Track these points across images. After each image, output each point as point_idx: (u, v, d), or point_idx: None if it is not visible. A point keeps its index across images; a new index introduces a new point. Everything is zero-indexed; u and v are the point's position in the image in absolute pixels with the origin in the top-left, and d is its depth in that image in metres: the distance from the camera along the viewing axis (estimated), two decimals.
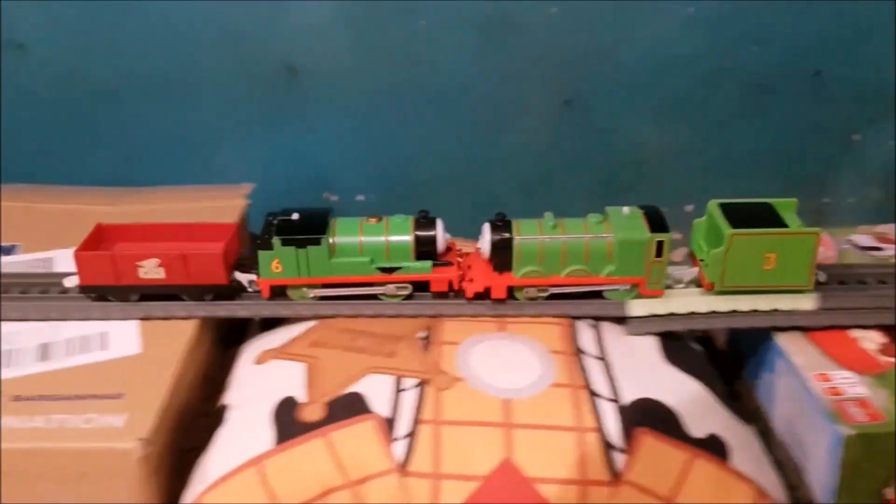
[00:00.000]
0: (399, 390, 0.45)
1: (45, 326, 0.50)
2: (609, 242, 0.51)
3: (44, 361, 0.47)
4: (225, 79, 0.77)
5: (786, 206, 0.53)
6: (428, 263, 0.53)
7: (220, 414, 0.46)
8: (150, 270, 0.51)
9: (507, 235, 0.51)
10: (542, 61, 0.78)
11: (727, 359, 0.56)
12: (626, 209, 0.53)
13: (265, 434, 0.43)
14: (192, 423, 0.48)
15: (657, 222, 0.52)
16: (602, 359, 0.48)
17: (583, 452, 0.42)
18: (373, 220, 0.53)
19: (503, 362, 0.47)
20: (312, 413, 0.44)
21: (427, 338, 0.49)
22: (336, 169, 0.82)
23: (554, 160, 0.83)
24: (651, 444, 0.43)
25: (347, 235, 0.52)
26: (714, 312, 0.52)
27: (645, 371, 0.48)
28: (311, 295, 0.53)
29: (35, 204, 0.66)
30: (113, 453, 0.41)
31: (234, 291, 0.53)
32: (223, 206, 0.64)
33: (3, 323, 0.50)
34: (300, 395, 0.45)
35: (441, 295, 0.53)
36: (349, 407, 0.44)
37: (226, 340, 0.55)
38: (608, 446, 0.42)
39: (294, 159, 0.81)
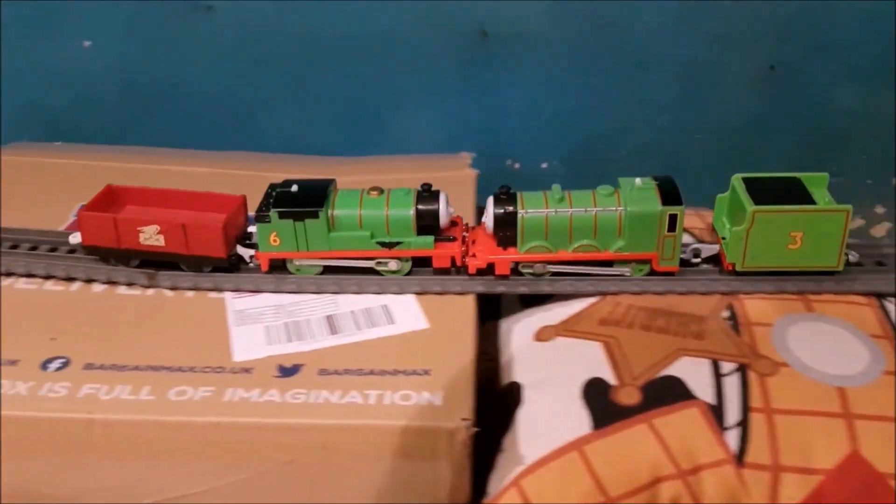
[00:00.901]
0: (719, 375, 0.42)
1: (321, 298, 0.50)
2: (619, 216, 0.48)
3: (335, 335, 0.46)
4: (416, 42, 0.75)
5: (816, 181, 0.50)
6: (430, 238, 0.50)
7: (514, 393, 0.45)
8: (151, 237, 0.50)
9: (511, 209, 0.49)
10: (747, 25, 0.74)
11: None
12: (638, 180, 0.49)
13: (579, 417, 0.41)
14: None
15: (670, 194, 0.48)
16: None
17: None
18: (374, 193, 0.50)
19: (824, 346, 0.44)
20: (628, 396, 0.42)
21: (732, 318, 0.46)
22: (521, 136, 0.80)
23: (755, 128, 0.79)
24: None
25: (347, 208, 0.50)
26: None
27: None
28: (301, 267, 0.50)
29: (259, 173, 0.64)
30: (438, 432, 0.40)
31: (232, 265, 0.51)
32: (453, 176, 0.62)
33: (278, 295, 0.50)
34: (607, 376, 0.43)
35: (443, 271, 0.51)
36: (668, 391, 0.42)
37: None
38: None
39: (478, 126, 0.79)
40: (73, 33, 0.75)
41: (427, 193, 0.50)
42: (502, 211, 0.48)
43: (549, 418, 0.42)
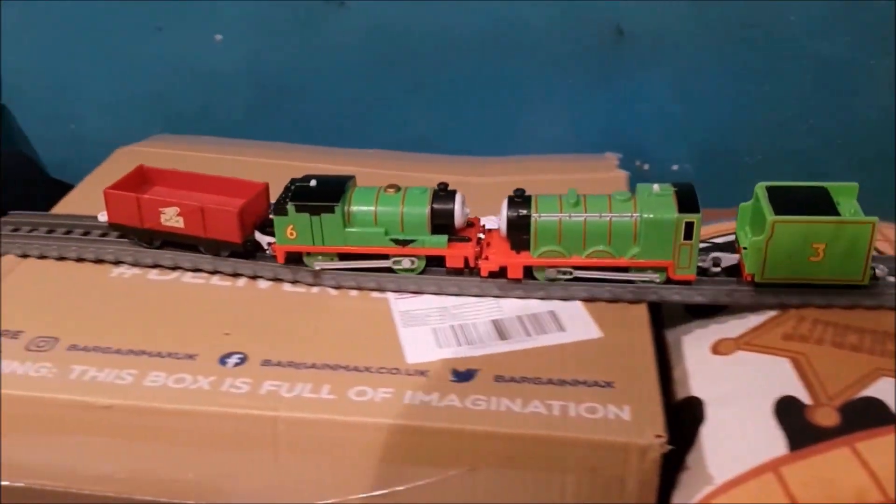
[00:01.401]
0: None
1: (483, 302, 0.49)
2: (634, 222, 0.47)
3: (505, 340, 0.45)
4: (549, 39, 0.74)
5: (845, 191, 0.47)
6: (443, 238, 0.50)
7: (695, 408, 0.43)
8: (171, 218, 0.50)
9: (524, 212, 0.48)
10: None
11: None
12: (656, 186, 0.48)
13: (773, 437, 0.39)
14: None
15: (687, 202, 0.47)
16: None
17: None
18: (391, 191, 0.50)
19: None
20: (826, 417, 0.40)
21: None
22: (652, 137, 0.77)
23: None
24: None
25: (363, 205, 0.50)
26: None
27: None
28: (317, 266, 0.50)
29: (391, 171, 0.64)
30: (628, 448, 0.38)
31: (247, 251, 0.51)
32: (603, 177, 0.61)
33: (440, 297, 0.49)
34: (800, 395, 0.41)
35: (457, 271, 0.50)
36: (870, 414, 0.39)
37: None
38: None
39: (608, 125, 0.77)
40: (205, 27, 0.76)
41: (443, 193, 0.50)
42: (515, 214, 0.48)
43: (739, 437, 0.41)
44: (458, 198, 0.50)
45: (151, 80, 0.79)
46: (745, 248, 0.48)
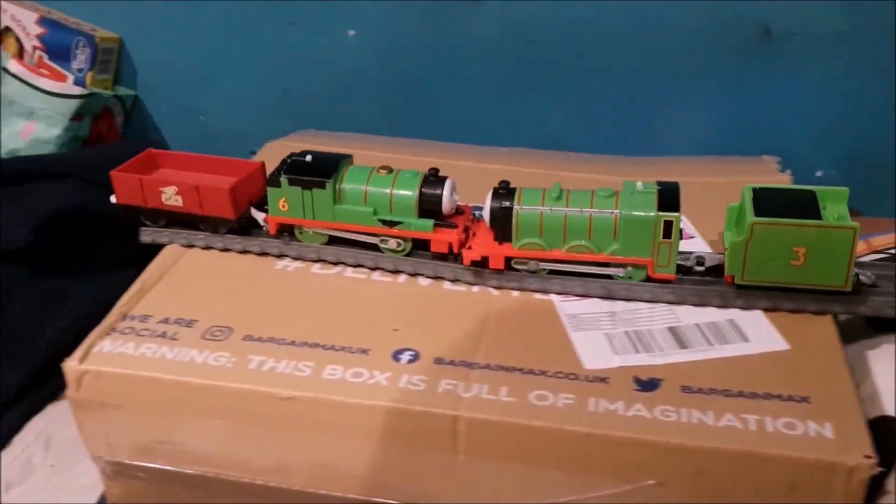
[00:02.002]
0: None
1: (656, 308, 0.47)
2: (614, 219, 0.47)
3: (686, 349, 0.44)
4: (691, 37, 0.71)
5: (834, 196, 0.46)
6: (429, 222, 0.50)
7: (893, 428, 0.42)
8: (171, 197, 0.53)
9: (507, 204, 0.48)
10: None
11: None
12: (640, 184, 0.48)
13: None
14: None
15: (668, 201, 0.46)
16: None
17: None
18: (383, 172, 0.51)
19: None
20: None
21: None
22: (797, 141, 0.74)
23: None
24: None
25: (354, 183, 0.51)
26: None
27: None
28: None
29: (538, 170, 0.63)
30: (834, 468, 0.36)
31: (242, 227, 0.53)
32: (766, 181, 0.57)
33: (607, 301, 0.48)
34: None
35: (441, 256, 0.51)
36: None
37: None
38: None
39: (751, 128, 0.74)
40: (338, 23, 0.77)
41: (433, 178, 0.51)
42: (498, 205, 0.48)
43: None
44: (447, 184, 0.51)
45: (282, 74, 0.80)
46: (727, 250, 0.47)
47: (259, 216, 0.53)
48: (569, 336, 0.45)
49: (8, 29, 0.80)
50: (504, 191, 0.48)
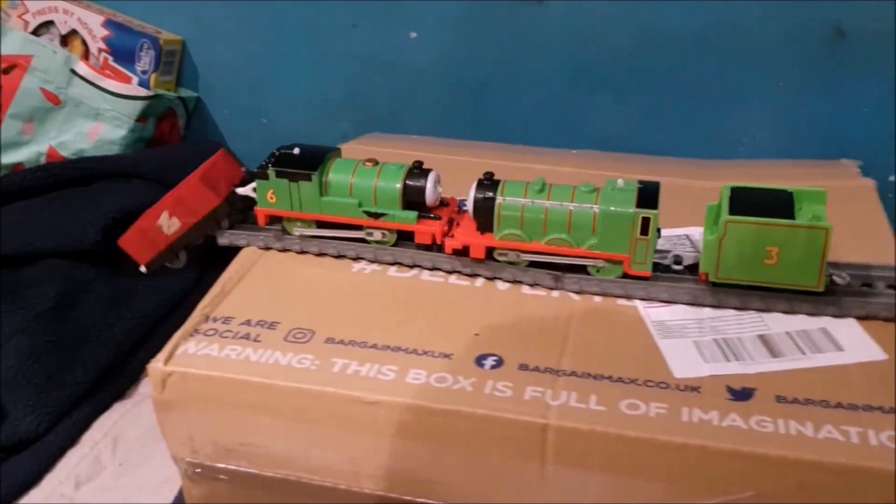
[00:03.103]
0: None
1: (743, 315, 0.46)
2: (593, 214, 0.47)
3: (777, 358, 0.42)
4: (760, 39, 0.70)
5: (813, 196, 0.46)
6: (413, 214, 0.51)
7: None
8: (168, 223, 0.52)
9: (490, 195, 0.49)
10: None
11: None
12: (621, 182, 0.49)
13: None
14: None
15: (647, 198, 0.47)
16: None
17: None
18: (369, 164, 0.52)
19: None
20: None
21: None
22: (869, 145, 0.72)
23: None
24: None
25: (340, 175, 0.52)
26: None
27: None
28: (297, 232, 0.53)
29: (627, 174, 0.60)
30: None
31: (233, 204, 0.54)
32: (850, 185, 0.58)
33: (694, 308, 0.47)
34: None
35: (425, 247, 0.52)
36: None
37: None
38: None
39: (822, 131, 0.72)
40: (401, 24, 0.77)
41: (417, 171, 0.52)
42: (482, 196, 0.49)
43: None
44: (431, 176, 0.51)
45: (344, 76, 0.80)
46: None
47: (246, 191, 0.54)
48: (656, 343, 0.44)
49: (74, 32, 0.81)
50: (488, 182, 0.50)
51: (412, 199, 0.51)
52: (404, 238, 0.52)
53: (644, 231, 0.47)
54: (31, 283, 0.65)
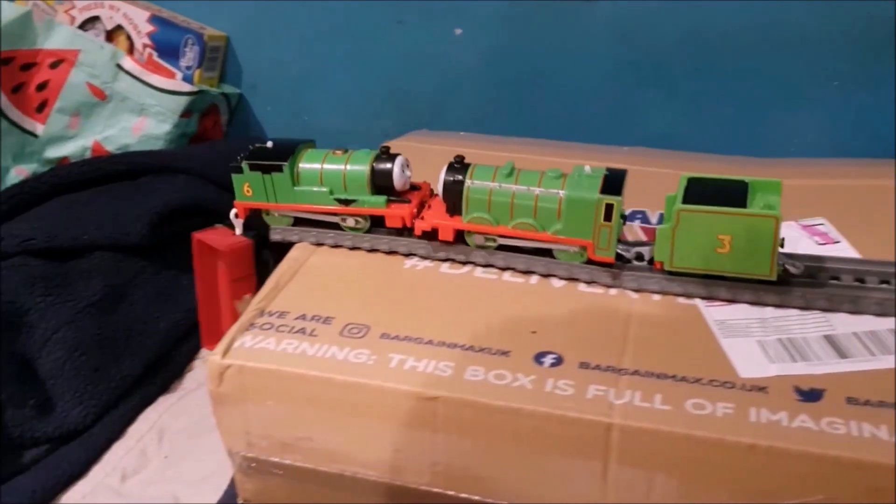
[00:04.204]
0: None
1: (807, 315, 0.45)
2: (559, 199, 0.48)
3: (846, 359, 0.41)
4: (809, 36, 0.69)
5: (768, 187, 0.47)
6: (383, 198, 0.52)
7: None
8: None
9: (459, 178, 0.50)
10: None
11: None
12: (588, 168, 0.49)
13: None
14: None
15: (612, 185, 0.48)
16: None
17: None
18: (338, 153, 0.53)
19: None
20: None
21: None
22: None
23: None
24: None
25: (310, 164, 0.53)
26: None
27: None
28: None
29: (680, 172, 0.58)
30: None
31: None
32: None
33: (755, 307, 0.46)
34: None
35: (397, 231, 0.52)
36: None
37: None
38: None
39: (876, 132, 0.71)
40: (446, 21, 0.76)
41: (384, 155, 0.52)
42: (451, 179, 0.50)
43: None
44: (398, 160, 0.52)
45: (387, 73, 0.80)
46: None
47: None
48: (719, 342, 0.43)
49: (119, 27, 0.82)
50: (458, 165, 0.50)
51: (381, 184, 0.52)
52: (377, 224, 0.53)
53: (608, 217, 0.47)
54: (79, 276, 0.65)
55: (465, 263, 0.51)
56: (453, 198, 0.50)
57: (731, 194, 0.46)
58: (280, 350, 0.43)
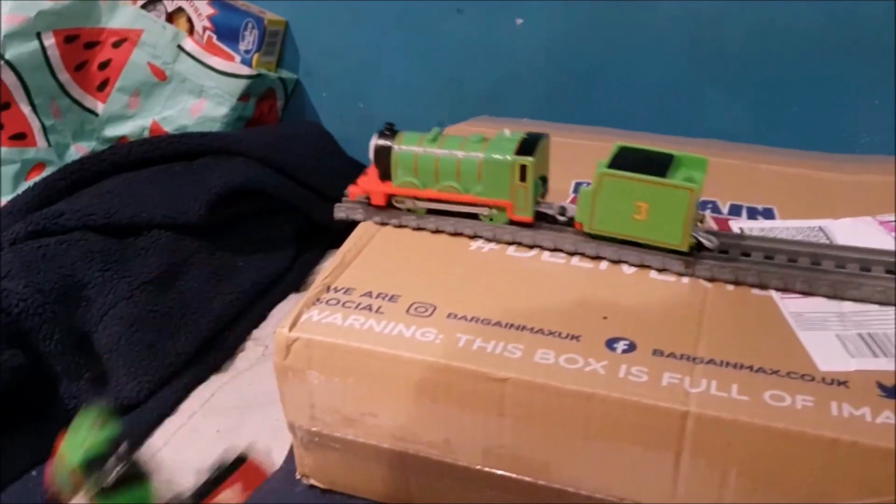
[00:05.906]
0: None
1: (885, 310, 0.43)
2: (479, 162, 0.50)
3: None
4: (885, 36, 0.68)
5: (694, 163, 0.48)
6: None
7: None
8: None
9: (388, 143, 0.51)
10: None
11: None
12: (507, 132, 0.51)
13: None
14: None
15: (527, 147, 0.49)
16: None
17: None
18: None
19: None
20: None
21: None
22: None
23: None
24: None
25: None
26: None
27: None
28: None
29: (753, 164, 0.60)
30: None
31: None
32: None
33: (832, 301, 0.44)
34: None
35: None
36: None
37: None
38: None
39: None
40: (507, 10, 0.76)
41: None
42: (381, 145, 0.52)
43: None
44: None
45: (445, 62, 0.79)
46: None
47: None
48: (796, 335, 0.42)
49: (180, 9, 0.83)
50: (389, 132, 0.52)
51: None
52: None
53: (522, 178, 0.49)
54: (137, 253, 0.66)
55: (532, 247, 0.50)
56: (383, 163, 0.52)
57: (655, 165, 0.47)
58: (347, 325, 0.43)
